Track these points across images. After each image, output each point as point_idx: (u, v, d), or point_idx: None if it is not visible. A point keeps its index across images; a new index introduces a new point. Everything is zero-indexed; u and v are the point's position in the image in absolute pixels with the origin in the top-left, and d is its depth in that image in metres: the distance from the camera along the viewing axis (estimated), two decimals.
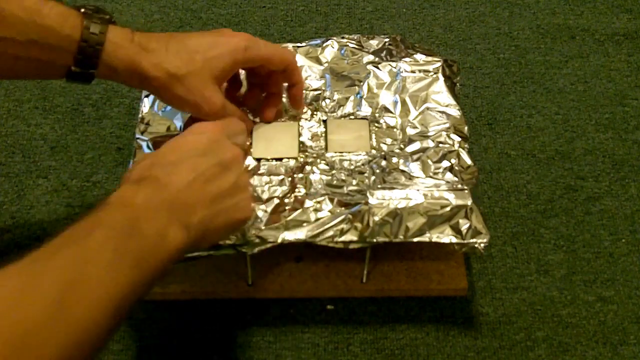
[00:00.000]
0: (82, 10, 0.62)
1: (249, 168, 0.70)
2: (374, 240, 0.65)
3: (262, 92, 0.74)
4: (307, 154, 0.71)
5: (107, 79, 0.66)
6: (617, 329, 0.70)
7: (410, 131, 0.73)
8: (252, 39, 0.68)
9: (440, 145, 0.72)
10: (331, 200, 0.66)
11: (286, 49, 0.75)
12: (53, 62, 0.62)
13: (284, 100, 0.75)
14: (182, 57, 0.65)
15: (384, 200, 0.66)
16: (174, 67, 0.64)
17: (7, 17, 0.59)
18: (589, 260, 0.75)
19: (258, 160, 0.71)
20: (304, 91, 0.75)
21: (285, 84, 0.73)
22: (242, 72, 0.73)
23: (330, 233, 0.65)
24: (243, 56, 0.67)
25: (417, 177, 0.69)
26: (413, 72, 0.78)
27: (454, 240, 0.65)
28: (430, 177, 0.69)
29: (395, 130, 0.74)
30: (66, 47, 0.61)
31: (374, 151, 0.72)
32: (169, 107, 0.74)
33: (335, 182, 0.69)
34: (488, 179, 0.81)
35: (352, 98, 0.76)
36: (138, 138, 0.72)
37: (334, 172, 0.70)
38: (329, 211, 0.66)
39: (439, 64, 0.79)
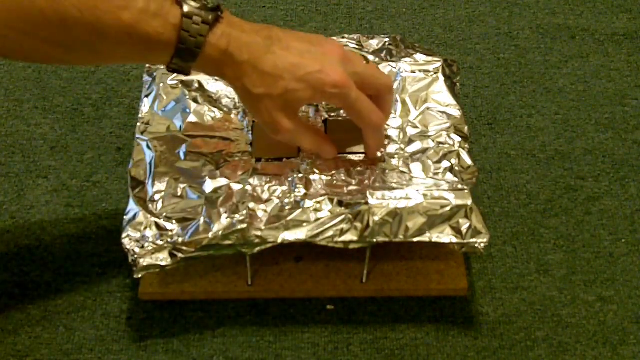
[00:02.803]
0: (186, 9, 0.60)
1: (249, 168, 0.70)
2: (374, 240, 0.65)
3: None
4: (307, 154, 0.71)
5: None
6: (617, 329, 0.70)
7: (410, 131, 0.73)
8: (345, 87, 0.64)
9: (441, 145, 0.72)
10: (331, 200, 0.66)
11: (373, 110, 0.67)
12: (147, 61, 0.71)
13: None
14: (265, 79, 0.63)
15: (384, 200, 0.66)
16: (252, 86, 0.63)
17: (101, 30, 0.58)
18: (589, 260, 0.75)
19: (258, 160, 0.71)
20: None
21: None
22: None
23: (330, 233, 0.65)
24: (327, 99, 0.67)
25: (417, 178, 0.69)
26: (413, 72, 0.78)
27: (454, 240, 0.65)
28: (431, 177, 0.69)
29: (395, 130, 0.74)
30: (161, 54, 0.61)
31: None
32: (169, 107, 0.74)
33: (335, 182, 0.69)
34: (488, 179, 0.81)
35: None
36: (138, 138, 0.72)
37: (334, 172, 0.70)
38: (329, 211, 0.66)
39: (439, 64, 0.79)
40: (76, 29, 0.58)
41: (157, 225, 0.65)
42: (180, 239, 0.64)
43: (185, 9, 0.60)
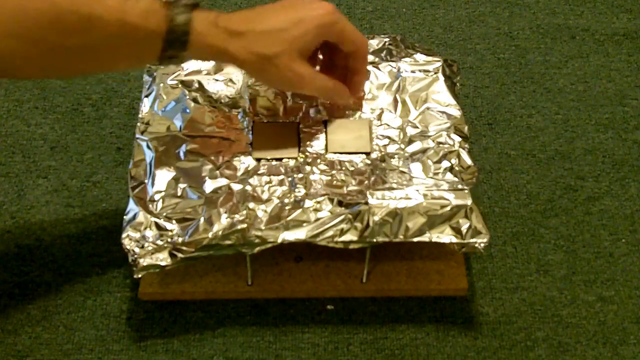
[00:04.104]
0: None
1: (249, 168, 0.70)
2: (374, 240, 0.65)
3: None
4: (307, 154, 0.71)
5: (198, 59, 0.70)
6: (617, 329, 0.70)
7: (410, 131, 0.73)
8: (336, 13, 0.68)
9: (441, 145, 0.72)
10: (331, 200, 0.66)
11: (361, 35, 0.73)
12: (141, 55, 0.64)
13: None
14: (270, 37, 0.65)
15: (383, 200, 0.66)
16: (263, 48, 0.65)
17: (91, 20, 0.59)
18: (589, 260, 0.75)
19: (258, 160, 0.71)
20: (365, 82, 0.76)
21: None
22: None
23: (330, 233, 0.65)
24: (328, 32, 0.68)
25: (417, 178, 0.69)
26: (413, 72, 0.78)
27: (454, 240, 0.65)
28: (431, 177, 0.69)
29: (395, 130, 0.74)
30: (153, 41, 0.62)
31: (374, 151, 0.72)
32: (169, 107, 0.74)
33: (335, 182, 0.69)
34: (488, 179, 0.81)
35: None
36: (138, 138, 0.72)
37: (334, 172, 0.70)
38: (329, 211, 0.66)
39: (439, 64, 0.79)
40: (68, 18, 0.58)
41: (157, 225, 0.65)
42: (180, 239, 0.64)
43: None
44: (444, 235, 0.65)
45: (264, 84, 0.75)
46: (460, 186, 0.68)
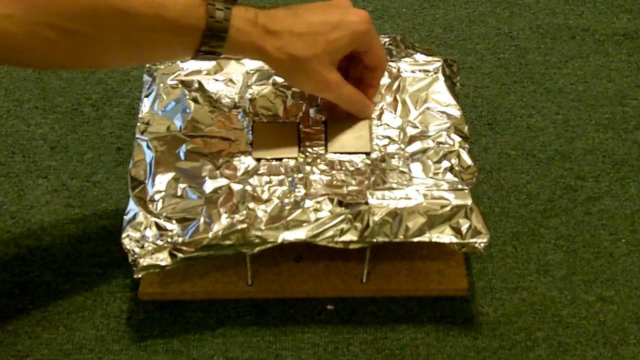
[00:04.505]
0: None
1: (249, 168, 0.70)
2: (374, 240, 0.65)
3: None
4: (307, 154, 0.71)
5: (232, 55, 0.70)
6: (617, 329, 0.70)
7: (410, 131, 0.73)
8: (370, 22, 0.69)
9: (441, 145, 0.72)
10: (331, 200, 0.66)
11: (385, 52, 0.75)
12: (176, 50, 0.65)
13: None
14: (306, 39, 0.66)
15: (383, 200, 0.66)
16: (296, 50, 0.65)
17: (132, 15, 0.59)
18: (589, 260, 0.75)
19: (258, 160, 0.71)
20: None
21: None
22: None
23: (330, 233, 0.65)
24: (360, 40, 0.69)
25: (417, 178, 0.69)
26: (413, 72, 0.78)
27: (454, 240, 0.65)
28: (431, 177, 0.69)
29: (395, 130, 0.74)
30: (191, 37, 0.62)
31: (374, 151, 0.72)
32: (169, 107, 0.74)
33: (335, 182, 0.69)
34: (488, 179, 0.81)
35: None
36: (138, 138, 0.72)
37: (334, 172, 0.70)
38: (329, 211, 0.66)
39: (439, 64, 0.79)
40: (107, 13, 0.58)
41: (157, 225, 0.65)
42: (180, 239, 0.64)
43: None
44: (444, 235, 0.65)
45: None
46: (460, 186, 0.68)
